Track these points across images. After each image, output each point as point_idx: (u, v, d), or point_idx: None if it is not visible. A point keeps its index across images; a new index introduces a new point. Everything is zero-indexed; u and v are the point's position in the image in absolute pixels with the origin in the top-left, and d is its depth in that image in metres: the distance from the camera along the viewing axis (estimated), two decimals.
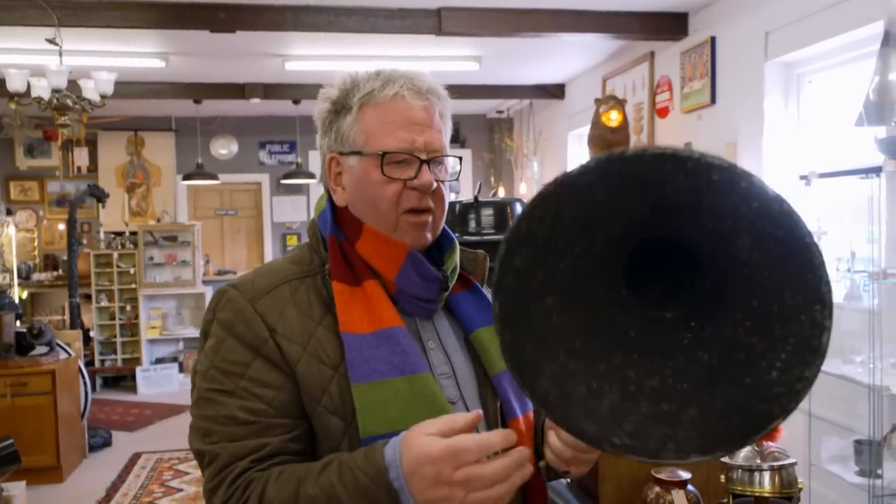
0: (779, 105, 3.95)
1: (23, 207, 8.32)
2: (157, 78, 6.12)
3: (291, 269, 1.10)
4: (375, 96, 1.07)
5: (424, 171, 1.07)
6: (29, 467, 4.03)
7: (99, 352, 7.09)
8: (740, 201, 0.75)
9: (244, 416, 0.99)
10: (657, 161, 0.75)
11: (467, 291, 1.18)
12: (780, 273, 0.76)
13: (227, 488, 0.97)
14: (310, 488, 0.93)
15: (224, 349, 1.03)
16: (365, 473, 0.90)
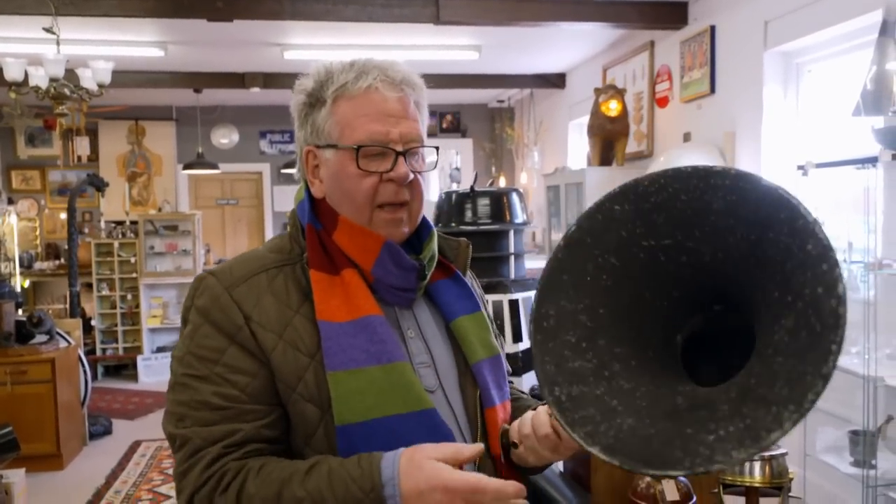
0: (778, 94, 3.94)
1: (24, 196, 8.33)
2: (157, 67, 6.11)
3: (270, 258, 1.10)
4: (349, 89, 1.06)
5: (400, 164, 1.07)
6: (29, 455, 4.05)
7: (100, 340, 7.11)
8: (812, 282, 0.74)
9: (217, 402, 1.00)
10: (780, 203, 0.78)
11: (448, 279, 1.19)
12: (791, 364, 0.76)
13: (200, 474, 0.97)
14: (296, 489, 0.93)
15: (200, 335, 1.03)
16: (360, 487, 0.91)
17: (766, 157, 3.94)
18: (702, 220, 0.84)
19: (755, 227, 0.79)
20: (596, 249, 0.89)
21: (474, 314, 1.17)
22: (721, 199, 0.82)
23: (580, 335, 0.88)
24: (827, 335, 0.73)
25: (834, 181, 3.46)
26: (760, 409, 0.75)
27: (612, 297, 0.89)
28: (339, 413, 1.00)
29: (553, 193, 5.75)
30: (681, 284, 0.88)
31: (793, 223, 0.77)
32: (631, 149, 5.37)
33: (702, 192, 0.84)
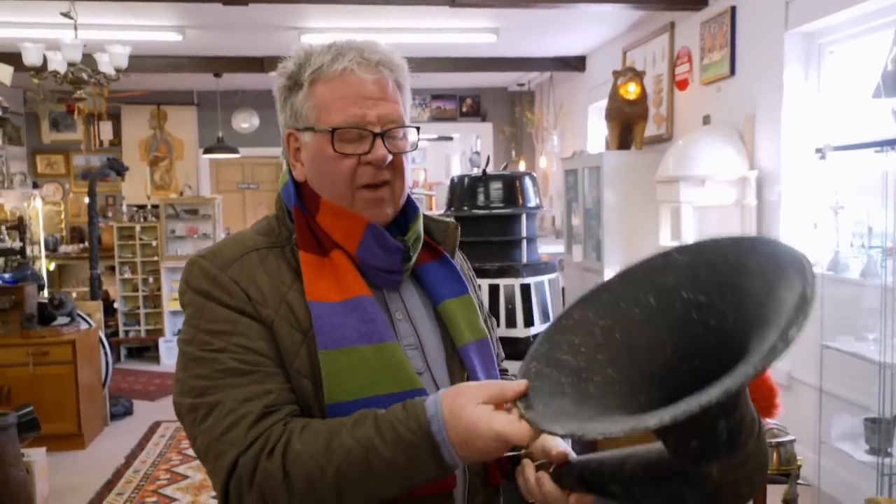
0: (799, 76, 3.86)
1: (49, 180, 8.45)
2: (176, 51, 6.14)
3: (259, 240, 1.10)
4: (325, 71, 1.05)
5: (378, 145, 1.05)
6: (51, 434, 4.14)
7: (123, 323, 7.22)
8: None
9: (241, 367, 0.98)
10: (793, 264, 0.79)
11: (436, 262, 1.18)
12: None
13: (246, 433, 0.94)
14: (345, 439, 0.92)
15: (207, 313, 1.02)
16: (407, 427, 0.91)
17: (785, 140, 3.87)
18: (736, 281, 0.84)
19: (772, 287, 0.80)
20: (642, 285, 0.93)
21: (462, 297, 1.16)
22: (757, 262, 0.83)
23: (585, 342, 0.92)
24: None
25: (855, 164, 3.39)
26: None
27: (634, 330, 0.91)
28: (330, 391, 1.00)
29: (571, 177, 5.71)
30: (701, 354, 0.88)
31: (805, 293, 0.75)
32: (650, 132, 5.31)
33: (746, 254, 0.85)
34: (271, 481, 0.93)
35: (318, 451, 0.92)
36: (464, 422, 0.90)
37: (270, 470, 0.93)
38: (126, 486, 3.98)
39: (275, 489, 0.93)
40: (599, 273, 5.01)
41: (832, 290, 3.18)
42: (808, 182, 3.84)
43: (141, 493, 3.88)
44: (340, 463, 0.92)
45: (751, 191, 4.03)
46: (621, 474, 0.94)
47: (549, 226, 7.81)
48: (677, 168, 4.12)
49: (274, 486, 0.93)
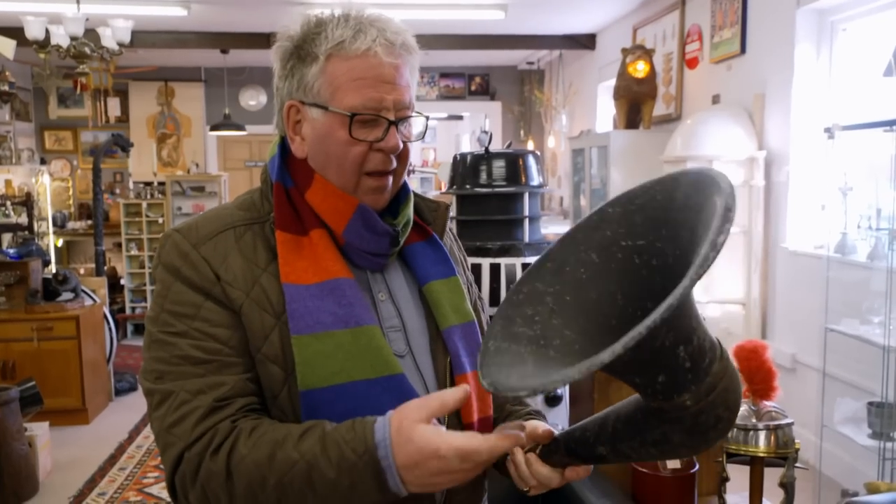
0: (810, 54, 3.78)
1: (57, 157, 8.46)
2: (182, 27, 6.11)
3: (238, 216, 1.07)
4: (346, 48, 0.99)
5: (392, 134, 1.02)
6: (55, 409, 4.16)
7: (129, 299, 7.24)
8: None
9: (199, 355, 0.96)
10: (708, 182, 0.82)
11: (424, 242, 1.14)
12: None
13: (192, 428, 0.93)
14: (290, 451, 0.90)
15: (173, 293, 1.00)
16: (352, 449, 0.88)
17: (795, 120, 3.80)
18: (667, 216, 0.87)
19: (695, 212, 0.83)
20: (582, 245, 0.94)
21: (448, 279, 1.13)
22: (682, 193, 0.86)
23: (538, 311, 0.93)
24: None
25: (865, 145, 3.32)
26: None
27: (583, 289, 0.93)
28: (303, 377, 0.97)
29: (579, 157, 5.65)
30: (652, 295, 0.89)
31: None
32: (658, 111, 5.24)
33: (671, 189, 0.88)
34: (214, 481, 0.92)
35: (262, 460, 0.90)
36: (416, 444, 0.87)
37: (213, 470, 0.92)
38: (129, 460, 4.00)
39: (217, 489, 0.92)
40: None
41: (838, 272, 3.13)
42: (816, 163, 3.78)
43: (143, 468, 3.91)
44: (282, 475, 0.90)
45: (759, 171, 3.97)
46: (605, 434, 0.94)
47: (556, 205, 7.76)
48: (685, 148, 4.07)
49: (216, 487, 0.92)
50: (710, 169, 0.85)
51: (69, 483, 3.66)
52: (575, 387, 2.23)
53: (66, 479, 3.71)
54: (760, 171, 3.97)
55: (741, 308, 4.16)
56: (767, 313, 4.05)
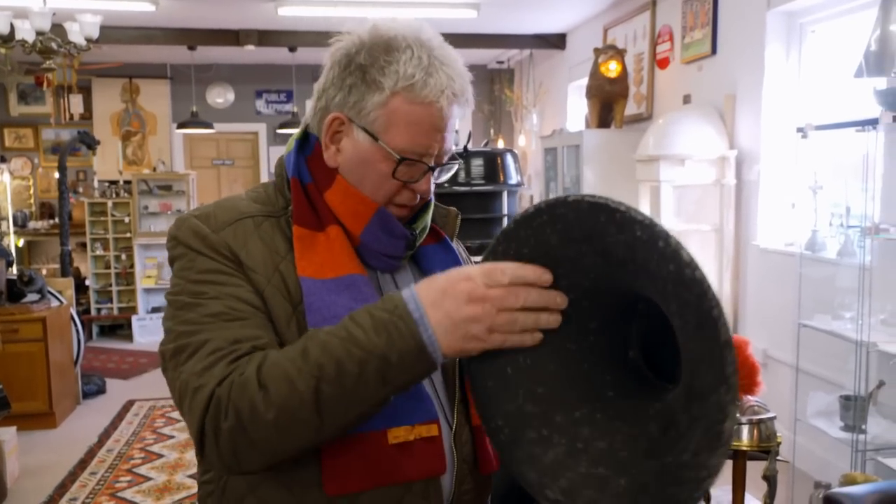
0: (780, 55, 3.86)
1: (17, 155, 8.25)
2: (149, 22, 6.00)
3: (254, 207, 1.06)
4: (416, 92, 0.99)
5: (427, 179, 1.03)
6: (21, 413, 4.06)
7: (95, 300, 7.10)
8: (662, 263, 0.75)
9: (232, 313, 0.93)
10: (593, 211, 0.79)
11: (437, 245, 1.14)
12: (698, 344, 0.75)
13: (228, 366, 0.89)
14: (321, 336, 0.88)
15: (199, 264, 0.98)
16: (383, 309, 0.87)
17: (765, 120, 3.87)
18: (551, 257, 0.85)
19: (592, 241, 0.81)
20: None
21: None
22: (553, 233, 0.83)
23: (537, 424, 0.90)
24: (703, 304, 0.72)
25: (834, 145, 3.40)
26: (705, 403, 0.74)
27: (542, 371, 0.90)
28: None
29: (551, 156, 5.69)
30: (591, 315, 0.89)
31: (614, 219, 0.78)
32: (630, 111, 5.30)
33: (538, 234, 0.85)
34: (246, 394, 0.86)
35: (295, 354, 0.88)
36: (443, 276, 0.88)
37: (243, 382, 0.87)
38: (100, 464, 3.92)
39: (251, 402, 0.86)
40: None
41: (809, 269, 3.20)
42: (787, 162, 3.85)
43: (115, 472, 3.83)
44: (317, 357, 0.86)
45: (730, 170, 4.04)
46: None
47: (527, 204, 7.80)
48: (657, 147, 4.12)
49: (249, 399, 0.86)
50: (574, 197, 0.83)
51: (39, 489, 3.57)
52: None
53: (35, 485, 3.62)
54: (731, 169, 4.03)
55: None
56: (739, 309, 4.12)
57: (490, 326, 0.86)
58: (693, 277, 0.73)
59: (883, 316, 2.90)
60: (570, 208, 0.81)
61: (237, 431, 0.87)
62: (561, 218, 0.82)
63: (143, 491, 3.58)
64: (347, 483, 0.97)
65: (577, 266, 0.84)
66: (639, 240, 0.76)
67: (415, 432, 0.99)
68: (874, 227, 2.75)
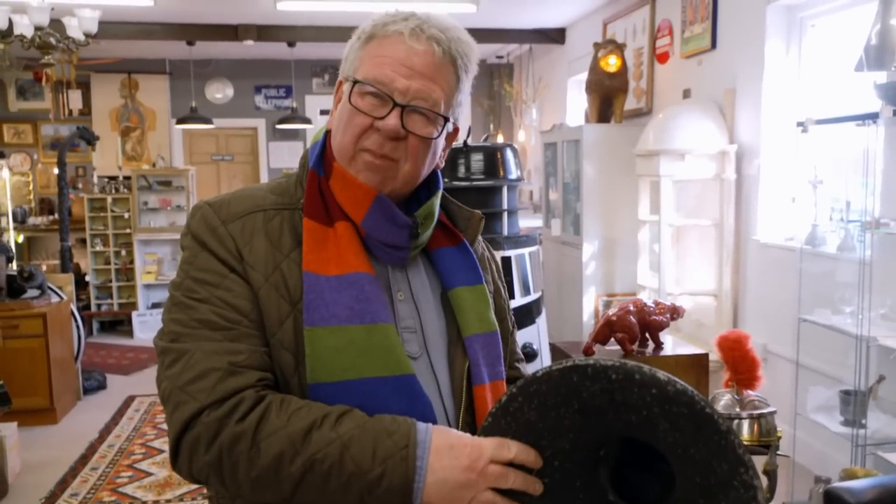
0: (780, 50, 3.85)
1: (17, 150, 8.24)
2: (148, 18, 5.99)
3: (270, 199, 1.06)
4: (382, 30, 1.02)
5: (392, 115, 1.00)
6: (22, 409, 4.06)
7: (95, 296, 7.10)
8: (643, 392, 0.81)
9: (218, 321, 0.96)
10: (564, 375, 0.85)
11: (454, 248, 1.13)
12: (701, 446, 0.81)
13: (213, 388, 0.91)
14: (326, 432, 0.90)
15: (199, 261, 1.00)
16: (394, 442, 0.90)
17: (765, 114, 3.87)
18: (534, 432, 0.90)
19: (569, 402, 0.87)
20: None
21: (475, 286, 1.12)
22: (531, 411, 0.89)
23: None
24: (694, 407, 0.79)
25: (835, 139, 3.40)
26: (729, 490, 0.80)
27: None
28: (312, 370, 0.96)
29: (550, 151, 5.68)
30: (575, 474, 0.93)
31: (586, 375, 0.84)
32: (630, 106, 5.29)
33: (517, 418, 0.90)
34: (237, 448, 0.90)
35: (297, 435, 0.90)
36: (455, 434, 0.93)
37: (239, 434, 0.90)
38: (100, 460, 3.93)
39: (238, 456, 0.90)
40: (578, 247, 5.01)
41: (809, 264, 3.20)
42: (787, 156, 3.85)
43: (116, 467, 3.84)
44: (315, 453, 0.90)
45: (730, 165, 4.04)
46: None
47: (527, 199, 7.79)
48: (657, 142, 4.11)
49: (238, 454, 0.90)
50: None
51: (40, 484, 3.58)
52: None
53: (36, 480, 3.63)
54: (732, 164, 4.03)
55: (713, 300, 4.22)
56: (739, 304, 4.12)
57: (473, 499, 0.90)
58: (676, 390, 0.79)
59: (883, 310, 2.91)
60: (542, 383, 0.87)
61: (213, 468, 0.92)
62: (535, 394, 0.88)
63: (144, 486, 3.59)
64: None
65: (558, 431, 0.89)
66: (615, 382, 0.82)
67: None
68: (874, 222, 2.75)
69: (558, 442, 0.90)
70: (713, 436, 0.79)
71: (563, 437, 0.89)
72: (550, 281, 5.64)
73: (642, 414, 0.82)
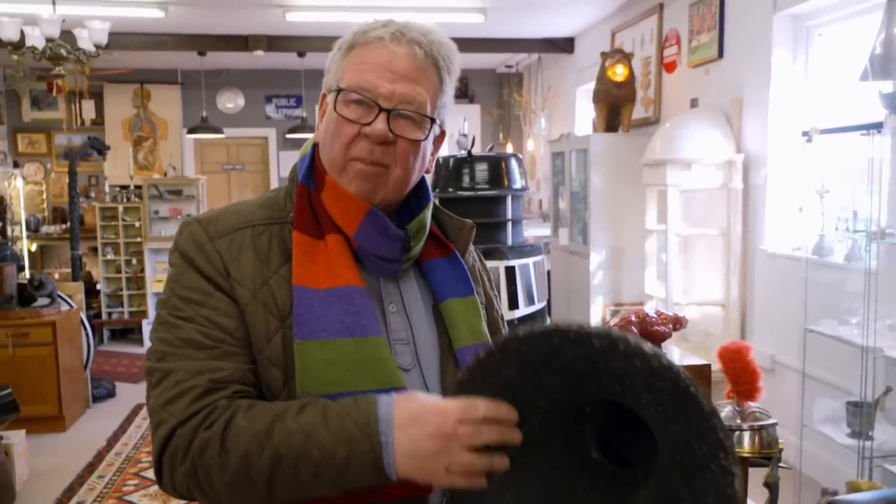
0: (786, 59, 3.84)
1: (30, 160, 8.33)
2: (158, 29, 6.05)
3: (259, 214, 1.06)
4: (363, 37, 1.03)
5: (379, 120, 1.00)
6: (31, 416, 4.09)
7: (106, 304, 7.15)
8: (626, 362, 0.80)
9: (202, 340, 0.96)
10: (545, 337, 0.84)
11: (445, 259, 1.13)
12: (682, 424, 0.79)
13: (187, 407, 0.92)
14: (289, 423, 0.90)
15: (185, 278, 1.01)
16: (354, 421, 0.89)
17: (772, 123, 3.85)
18: (512, 388, 0.89)
19: (550, 363, 0.86)
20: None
21: (466, 298, 1.12)
22: (510, 368, 0.88)
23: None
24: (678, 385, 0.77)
25: (842, 148, 3.38)
26: (706, 473, 0.78)
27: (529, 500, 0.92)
28: (302, 383, 0.97)
29: (558, 160, 5.68)
30: (554, 432, 0.92)
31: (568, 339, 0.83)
32: (637, 115, 5.28)
33: (495, 375, 0.89)
34: (207, 453, 0.91)
35: (260, 431, 0.90)
36: (419, 401, 0.91)
37: (207, 440, 0.91)
38: (107, 468, 3.95)
39: (209, 461, 0.91)
40: (586, 256, 5.00)
41: (816, 274, 3.18)
42: (794, 166, 3.83)
43: (122, 475, 3.85)
44: (279, 445, 0.89)
45: (737, 174, 4.02)
46: None
47: (535, 209, 7.79)
48: (664, 151, 4.10)
49: (208, 459, 0.91)
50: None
51: (47, 492, 3.60)
52: None
53: (43, 488, 3.65)
54: (739, 174, 4.02)
55: (720, 309, 4.20)
56: (746, 314, 4.09)
57: (448, 466, 0.88)
58: (661, 365, 0.78)
59: (890, 321, 2.88)
60: (522, 342, 0.86)
61: (191, 478, 0.93)
62: (514, 352, 0.87)
63: (150, 495, 3.60)
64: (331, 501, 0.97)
65: (537, 389, 0.88)
66: (598, 350, 0.81)
67: None
68: (880, 232, 2.73)
69: (538, 399, 0.89)
70: (695, 416, 0.77)
71: (542, 396, 0.88)
72: (558, 290, 5.63)
73: (624, 384, 0.81)
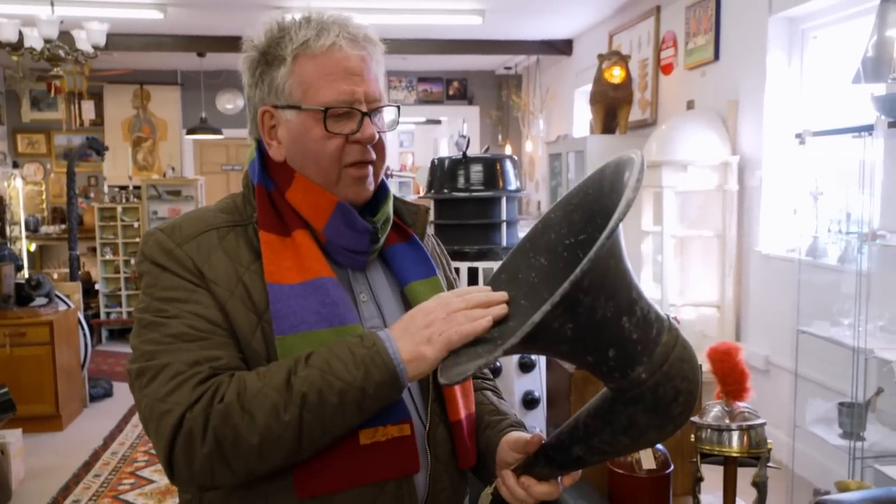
0: (782, 61, 3.85)
1: (30, 160, 8.35)
2: (157, 30, 6.07)
3: (220, 218, 1.07)
4: (311, 46, 1.02)
5: (367, 124, 1.04)
6: (28, 416, 4.11)
7: (104, 304, 7.17)
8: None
9: (193, 333, 0.96)
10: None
11: (404, 244, 1.16)
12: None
13: (192, 391, 0.91)
14: (302, 370, 0.93)
15: (163, 281, 1.00)
16: (361, 346, 0.94)
17: (767, 125, 3.87)
18: (599, 206, 0.92)
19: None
20: (531, 251, 1.00)
21: (429, 279, 1.14)
22: (608, 181, 0.91)
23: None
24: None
25: (834, 151, 3.39)
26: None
27: (536, 291, 0.97)
28: None
29: (556, 162, 5.69)
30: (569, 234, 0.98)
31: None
32: (634, 117, 5.30)
33: (599, 181, 0.94)
34: (231, 421, 0.90)
35: (279, 384, 0.92)
36: (405, 316, 0.98)
37: (226, 409, 0.91)
38: (103, 467, 3.96)
39: (235, 428, 0.90)
40: None
41: (809, 275, 3.19)
42: (788, 168, 3.84)
43: (118, 474, 3.87)
44: (300, 388, 0.92)
45: (732, 176, 4.03)
46: (578, 434, 0.97)
47: (534, 210, 7.80)
48: (660, 153, 4.12)
49: (234, 426, 0.90)
50: (629, 151, 0.90)
51: (43, 491, 3.61)
52: (552, 389, 2.25)
53: (39, 487, 3.66)
54: (734, 175, 4.03)
55: (716, 311, 4.21)
56: (741, 316, 4.10)
57: (441, 330, 0.93)
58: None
59: (881, 322, 2.89)
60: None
61: (215, 456, 0.91)
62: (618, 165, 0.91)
63: (145, 494, 3.61)
64: (319, 485, 0.99)
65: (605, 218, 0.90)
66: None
67: (387, 432, 1.01)
68: (872, 234, 2.74)
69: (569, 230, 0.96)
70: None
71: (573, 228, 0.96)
72: None
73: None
